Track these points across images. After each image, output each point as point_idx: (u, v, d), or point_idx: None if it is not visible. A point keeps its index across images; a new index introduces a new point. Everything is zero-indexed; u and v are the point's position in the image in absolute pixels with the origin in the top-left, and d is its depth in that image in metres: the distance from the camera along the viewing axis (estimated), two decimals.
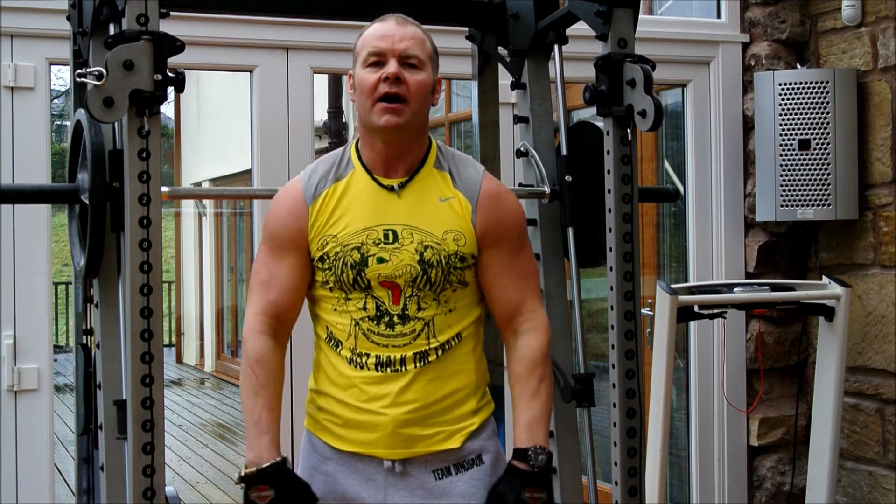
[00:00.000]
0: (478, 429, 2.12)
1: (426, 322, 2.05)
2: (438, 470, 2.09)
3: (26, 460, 3.22)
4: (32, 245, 3.24)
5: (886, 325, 3.78)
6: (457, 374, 2.09)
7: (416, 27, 2.11)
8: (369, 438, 2.07)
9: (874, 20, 3.81)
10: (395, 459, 2.07)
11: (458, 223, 2.09)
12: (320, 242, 2.08)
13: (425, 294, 2.05)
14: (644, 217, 4.52)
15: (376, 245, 2.05)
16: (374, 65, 2.05)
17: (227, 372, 10.93)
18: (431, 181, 2.12)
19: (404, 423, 2.05)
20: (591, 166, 2.45)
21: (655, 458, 3.45)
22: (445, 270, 2.05)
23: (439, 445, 2.08)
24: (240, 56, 3.50)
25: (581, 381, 2.47)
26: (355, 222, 2.07)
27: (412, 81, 2.05)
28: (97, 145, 2.13)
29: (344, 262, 2.05)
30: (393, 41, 2.05)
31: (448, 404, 2.08)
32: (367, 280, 2.04)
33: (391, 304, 2.05)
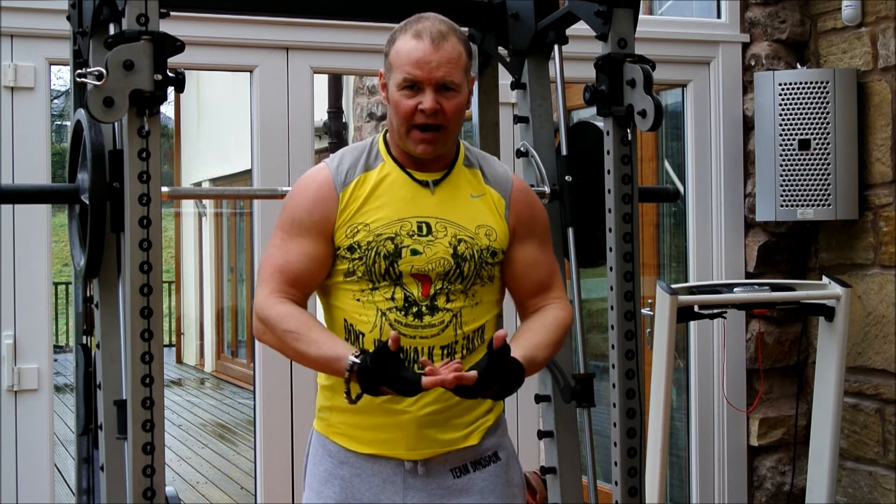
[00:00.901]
0: (493, 425, 2.14)
1: (454, 313, 2.04)
2: (457, 468, 2.09)
3: (26, 460, 3.22)
4: (32, 245, 3.24)
5: (886, 325, 3.78)
6: None
7: (454, 39, 2.03)
8: (391, 439, 2.05)
9: (874, 20, 3.81)
10: (416, 460, 2.06)
11: (490, 219, 2.10)
12: (350, 230, 2.04)
13: (455, 287, 2.05)
14: (644, 217, 4.52)
15: (410, 237, 2.04)
16: (410, 88, 2.02)
17: (227, 372, 10.93)
18: (463, 178, 2.13)
19: (427, 423, 2.04)
20: (591, 166, 2.45)
21: (655, 458, 3.45)
22: (478, 265, 2.06)
23: (459, 444, 2.09)
24: (240, 56, 3.50)
25: (581, 381, 2.46)
26: (389, 213, 2.05)
27: (449, 108, 2.02)
28: (97, 145, 2.13)
29: (377, 251, 2.02)
30: (429, 69, 2.00)
31: (467, 405, 2.08)
32: (399, 271, 2.02)
33: (420, 296, 2.03)
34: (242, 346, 10.81)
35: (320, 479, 2.12)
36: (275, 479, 3.49)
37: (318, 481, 2.12)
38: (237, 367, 10.62)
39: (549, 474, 2.57)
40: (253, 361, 3.70)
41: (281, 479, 3.47)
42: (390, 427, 2.05)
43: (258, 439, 3.55)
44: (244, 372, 9.98)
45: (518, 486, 2.19)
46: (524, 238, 2.13)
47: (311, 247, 2.05)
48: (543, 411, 2.63)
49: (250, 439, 7.30)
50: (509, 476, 2.16)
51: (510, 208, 2.12)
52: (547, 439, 2.59)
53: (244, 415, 9.20)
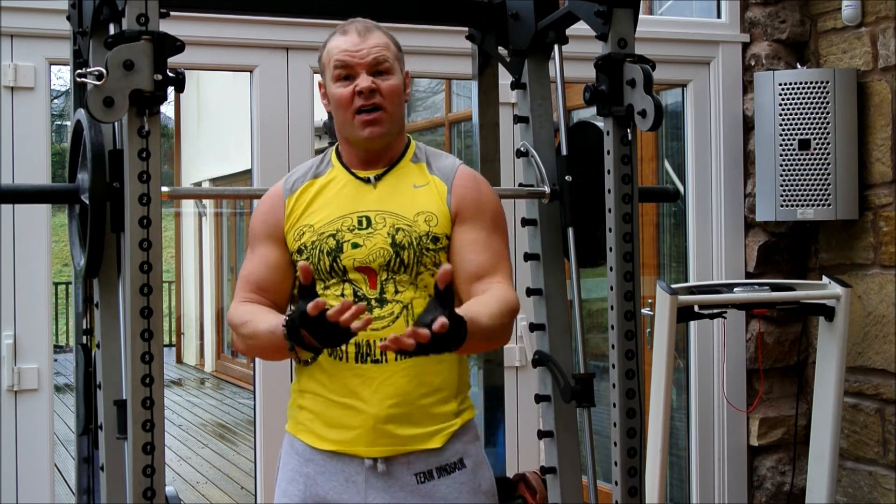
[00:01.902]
0: (459, 430, 2.12)
1: (405, 305, 2.06)
2: (420, 473, 2.08)
3: (26, 460, 3.22)
4: (32, 245, 3.24)
5: (886, 325, 3.78)
6: (438, 371, 2.07)
7: (380, 31, 2.15)
8: (350, 436, 2.06)
9: (874, 20, 3.81)
10: (376, 458, 2.06)
11: (431, 205, 2.11)
12: (297, 234, 2.11)
13: (401, 278, 2.07)
14: (644, 217, 4.52)
15: (350, 231, 2.08)
16: (345, 79, 2.10)
17: (228, 372, 10.93)
18: (407, 172, 2.16)
19: (385, 418, 2.04)
20: (591, 166, 2.45)
21: (655, 458, 3.45)
22: (417, 252, 2.07)
23: (421, 444, 2.07)
24: (240, 56, 3.50)
25: (581, 381, 2.46)
26: (331, 212, 2.11)
27: (385, 88, 2.10)
28: (97, 145, 2.13)
29: (320, 249, 2.08)
30: (360, 54, 2.09)
31: (429, 402, 2.07)
32: (343, 266, 2.07)
33: (368, 289, 2.06)
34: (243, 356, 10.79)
35: (287, 477, 2.14)
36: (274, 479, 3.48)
37: (285, 480, 2.15)
38: (237, 367, 10.62)
39: (549, 474, 2.57)
40: (253, 361, 3.70)
41: None
42: (350, 423, 2.05)
43: (258, 439, 3.55)
44: (244, 372, 9.98)
45: (488, 493, 2.15)
46: (466, 220, 2.11)
47: (268, 254, 2.14)
48: (543, 411, 2.63)
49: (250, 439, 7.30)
50: (476, 483, 2.13)
51: (452, 192, 2.13)
52: (547, 439, 2.59)
53: (244, 415, 9.20)
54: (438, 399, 2.08)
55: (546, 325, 2.58)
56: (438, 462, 2.08)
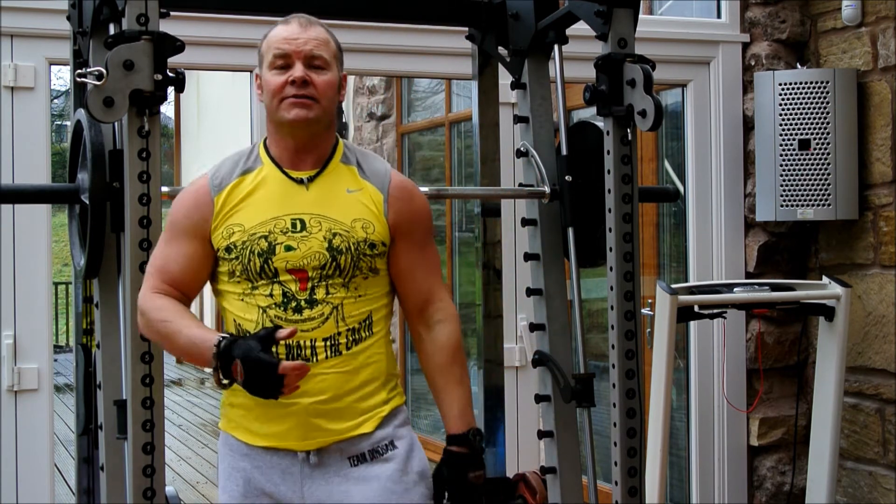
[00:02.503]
0: (388, 415, 2.15)
1: (335, 306, 2.07)
2: (353, 457, 2.11)
3: (26, 460, 3.22)
4: (32, 245, 3.24)
5: (886, 325, 3.78)
6: (367, 365, 2.11)
7: (321, 27, 2.15)
8: (281, 430, 2.07)
9: (874, 20, 3.81)
10: (308, 450, 2.08)
11: (367, 213, 2.13)
12: (226, 232, 2.09)
13: (334, 281, 2.08)
14: (644, 217, 4.52)
15: (284, 234, 2.08)
16: (280, 68, 2.09)
17: None
18: (339, 174, 2.16)
19: (315, 412, 2.06)
20: (591, 166, 2.45)
21: (655, 458, 3.45)
22: (355, 257, 2.08)
23: (351, 432, 2.10)
24: (240, 56, 3.50)
25: (581, 381, 2.46)
26: (262, 212, 2.10)
27: (319, 82, 2.09)
28: (97, 145, 2.13)
29: (251, 250, 2.06)
30: (297, 44, 2.09)
31: (359, 396, 2.10)
32: (275, 268, 2.06)
33: (298, 291, 2.07)
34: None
35: (225, 474, 2.14)
36: None
37: (224, 477, 2.15)
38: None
39: (549, 474, 2.57)
40: None
41: None
42: (281, 418, 2.07)
43: None
44: None
45: (419, 474, 2.17)
46: (405, 235, 2.16)
47: (189, 248, 2.10)
48: (543, 411, 2.63)
49: None
50: (409, 464, 2.16)
51: (388, 204, 2.15)
52: (547, 439, 2.59)
53: None
54: (367, 392, 2.12)
55: (546, 325, 2.58)
56: (370, 445, 2.12)
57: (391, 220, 2.14)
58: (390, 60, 3.63)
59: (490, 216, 2.86)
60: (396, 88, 7.19)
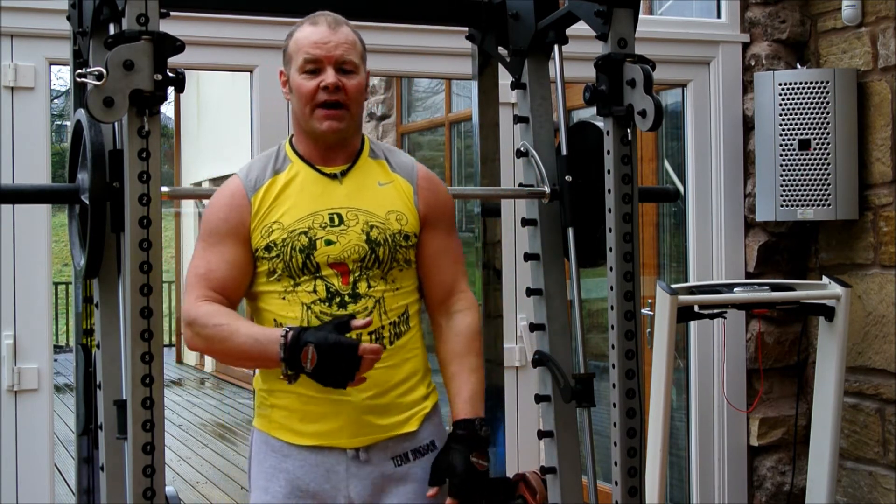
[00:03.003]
0: (430, 413, 2.19)
1: (377, 299, 2.10)
2: (397, 456, 2.14)
3: (26, 460, 3.22)
4: (32, 245, 3.24)
5: (886, 325, 3.78)
6: (408, 359, 2.15)
7: (348, 28, 2.17)
8: (332, 428, 2.09)
9: (874, 20, 3.81)
10: (358, 447, 2.10)
11: (399, 204, 2.17)
12: (265, 231, 2.11)
13: (374, 273, 2.10)
14: (644, 217, 4.52)
15: (322, 228, 2.10)
16: (311, 72, 2.12)
17: (227, 372, 10.93)
18: (369, 168, 2.20)
19: (365, 409, 2.08)
20: (591, 166, 2.45)
21: (655, 458, 3.45)
22: (392, 248, 2.12)
23: (399, 430, 2.13)
24: (240, 56, 3.50)
25: (581, 381, 2.46)
26: (300, 209, 2.12)
27: (350, 87, 2.12)
28: (97, 145, 2.13)
29: (292, 246, 2.08)
30: (328, 48, 2.11)
31: (403, 390, 2.13)
32: (317, 263, 2.08)
33: (341, 285, 2.09)
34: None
35: (266, 475, 2.15)
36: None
37: (265, 478, 2.16)
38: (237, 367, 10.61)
39: (549, 474, 2.57)
40: None
41: None
42: (332, 416, 2.08)
43: None
44: (244, 372, 9.98)
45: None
46: (433, 225, 2.21)
47: (231, 253, 2.12)
48: (543, 411, 2.63)
49: None
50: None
51: (418, 195, 2.20)
52: (547, 439, 2.59)
53: (244, 415, 9.20)
54: (410, 386, 2.15)
55: (546, 325, 2.58)
56: (413, 445, 2.16)
57: (421, 210, 2.19)
58: (390, 60, 3.63)
59: (490, 216, 2.86)
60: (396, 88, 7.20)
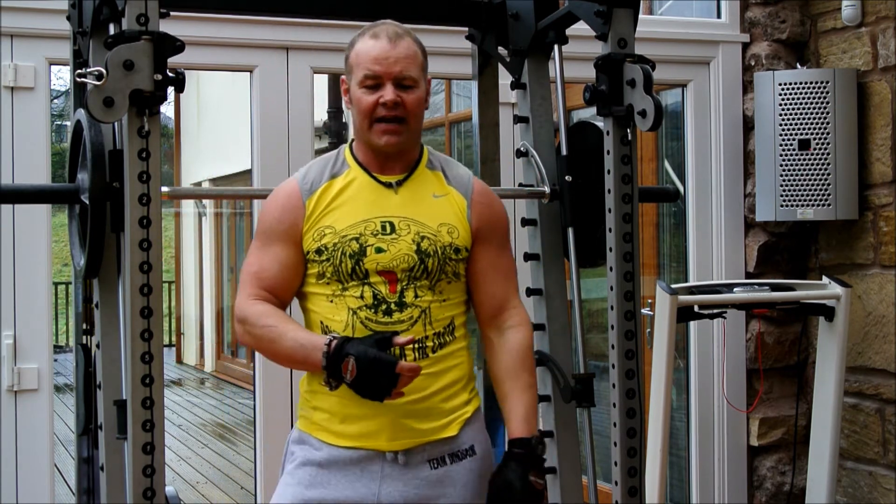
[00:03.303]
0: (471, 417, 2.19)
1: (423, 309, 2.10)
2: (434, 460, 2.14)
3: (26, 460, 3.22)
4: (32, 245, 3.24)
5: (886, 325, 3.78)
6: (452, 368, 2.15)
7: (409, 40, 2.16)
8: (372, 431, 2.09)
9: (874, 20, 3.81)
10: (396, 451, 2.10)
11: (452, 217, 2.17)
12: (317, 234, 2.12)
13: (421, 283, 2.11)
14: (644, 217, 4.52)
15: (374, 236, 2.11)
16: (371, 87, 2.12)
17: (227, 372, 10.93)
18: (425, 179, 2.20)
19: (405, 413, 2.08)
20: (591, 166, 2.45)
21: (655, 458, 3.45)
22: (441, 261, 2.12)
23: (438, 434, 2.13)
24: (240, 56, 3.50)
25: (581, 381, 2.47)
26: (353, 214, 2.13)
27: (409, 101, 2.12)
28: (97, 145, 2.13)
29: (343, 252, 2.09)
30: (388, 64, 2.11)
31: (444, 396, 2.13)
32: (365, 269, 2.09)
33: (388, 293, 2.09)
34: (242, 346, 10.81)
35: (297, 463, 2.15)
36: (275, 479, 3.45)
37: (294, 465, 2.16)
38: (237, 367, 10.61)
39: (549, 474, 2.57)
40: (253, 361, 3.70)
41: None
42: (372, 418, 2.08)
43: (258, 439, 3.55)
44: (244, 372, 9.98)
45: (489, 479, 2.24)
46: (485, 239, 2.20)
47: (283, 254, 2.14)
48: (543, 411, 2.63)
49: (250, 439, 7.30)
50: (484, 469, 2.21)
51: (472, 209, 2.20)
52: (547, 439, 2.59)
53: (244, 415, 9.20)
54: (451, 393, 2.15)
55: (546, 325, 2.58)
56: (451, 449, 2.15)
57: (474, 224, 2.19)
58: None
59: None
60: None
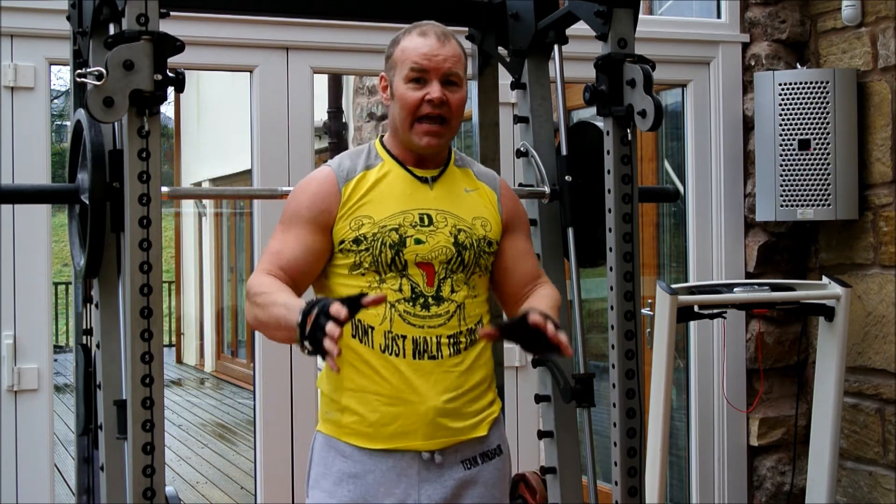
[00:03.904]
0: (497, 418, 2.22)
1: (459, 304, 2.12)
2: (467, 460, 2.16)
3: (26, 460, 3.22)
4: (32, 245, 3.24)
5: (886, 325, 3.78)
6: (480, 366, 2.16)
7: (456, 42, 2.17)
8: (408, 430, 2.08)
9: (874, 20, 3.81)
10: (433, 450, 2.11)
11: (485, 211, 2.21)
12: (354, 223, 2.11)
13: (458, 277, 2.13)
14: (644, 217, 4.52)
15: (413, 227, 2.12)
16: (416, 81, 2.11)
17: (227, 372, 10.93)
18: (456, 176, 2.24)
19: (441, 412, 2.09)
20: (591, 166, 2.45)
21: (655, 458, 3.45)
22: (477, 253, 2.15)
23: (470, 434, 2.14)
24: (240, 56, 3.50)
25: (581, 381, 2.46)
26: (391, 206, 2.13)
27: (454, 101, 2.13)
28: (97, 145, 2.13)
29: (382, 241, 2.09)
30: (437, 61, 2.11)
31: (476, 395, 2.15)
32: (405, 260, 2.09)
33: (425, 286, 2.10)
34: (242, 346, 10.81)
35: (334, 479, 2.12)
36: (275, 479, 3.48)
37: (331, 482, 2.12)
38: (237, 367, 10.62)
39: (549, 474, 2.57)
40: (253, 361, 3.70)
41: (281, 479, 3.47)
42: (407, 417, 2.08)
43: (258, 439, 3.55)
44: (244, 372, 9.98)
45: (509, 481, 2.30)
46: (514, 231, 2.25)
47: (308, 238, 2.11)
48: (543, 411, 2.63)
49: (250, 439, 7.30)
50: (506, 471, 2.26)
51: (502, 202, 2.24)
52: (547, 439, 2.59)
53: (244, 415, 9.20)
54: (481, 391, 2.17)
55: None
56: (482, 449, 2.18)
57: (504, 216, 2.23)
58: None
59: None
60: None
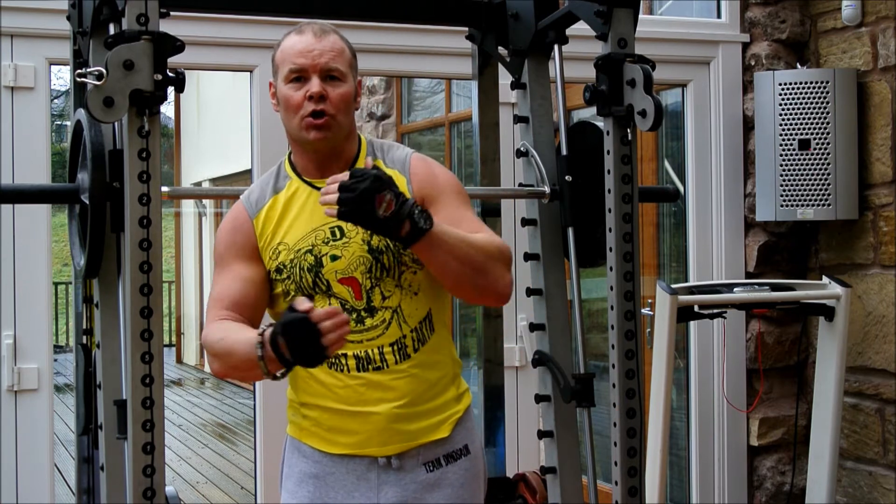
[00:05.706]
0: (462, 417, 2.17)
1: (394, 309, 2.07)
2: (429, 462, 2.12)
3: (26, 460, 3.22)
4: (32, 245, 3.24)
5: (886, 325, 3.78)
6: (436, 363, 2.12)
7: (335, 36, 2.13)
8: (360, 438, 2.07)
9: (874, 20, 3.81)
10: (389, 455, 2.09)
11: None
12: (273, 253, 2.10)
13: (386, 282, 2.07)
14: (644, 217, 4.52)
15: (326, 244, 2.07)
16: (296, 80, 2.08)
17: None
18: None
19: (395, 418, 2.06)
20: (591, 166, 2.45)
21: (655, 458, 3.45)
22: (395, 253, 2.06)
23: (430, 436, 2.11)
24: (240, 56, 3.50)
25: (581, 381, 2.46)
26: (302, 226, 2.10)
27: (335, 95, 2.08)
28: (97, 145, 2.13)
29: (300, 266, 2.07)
30: (313, 56, 2.08)
31: (433, 394, 2.11)
32: (326, 280, 2.06)
33: (354, 301, 2.06)
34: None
35: (295, 479, 2.14)
36: (275, 479, 3.46)
37: (293, 482, 2.15)
38: None
39: (549, 474, 2.57)
40: None
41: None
42: (360, 427, 2.07)
43: (258, 439, 3.55)
44: None
45: (482, 479, 2.23)
46: (434, 202, 2.10)
47: (243, 271, 2.10)
48: (543, 411, 2.63)
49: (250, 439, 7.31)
50: (477, 468, 2.20)
51: (412, 182, 2.13)
52: (547, 439, 2.59)
53: (244, 415, 9.21)
54: (438, 390, 2.13)
55: (546, 325, 2.58)
56: (445, 450, 2.14)
57: (416, 194, 2.09)
58: (390, 60, 3.63)
59: (490, 216, 2.86)
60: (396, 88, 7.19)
